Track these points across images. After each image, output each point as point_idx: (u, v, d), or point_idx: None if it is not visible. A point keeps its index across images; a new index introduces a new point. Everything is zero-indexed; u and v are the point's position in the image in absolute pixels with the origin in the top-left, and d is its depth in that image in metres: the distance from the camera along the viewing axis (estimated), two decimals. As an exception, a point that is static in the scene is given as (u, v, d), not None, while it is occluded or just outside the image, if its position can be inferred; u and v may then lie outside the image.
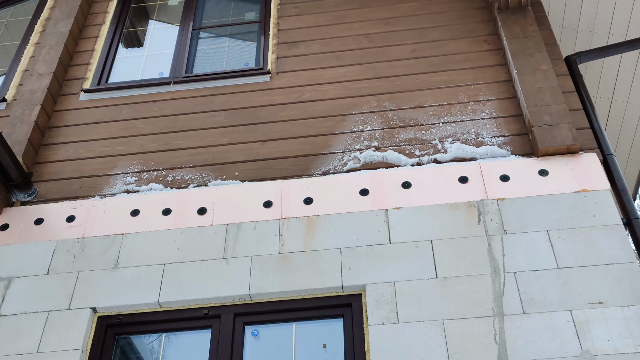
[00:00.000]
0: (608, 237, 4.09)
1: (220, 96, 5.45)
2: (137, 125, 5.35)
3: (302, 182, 4.71)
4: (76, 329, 4.14)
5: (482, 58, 5.38)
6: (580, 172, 4.45)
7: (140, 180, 4.96)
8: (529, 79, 4.92)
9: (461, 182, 4.53)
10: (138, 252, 4.49)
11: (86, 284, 4.36)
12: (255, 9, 6.32)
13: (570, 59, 5.26)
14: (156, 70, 5.90)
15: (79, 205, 4.83)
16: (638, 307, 3.76)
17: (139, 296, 4.27)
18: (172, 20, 6.51)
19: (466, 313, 3.87)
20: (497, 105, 5.02)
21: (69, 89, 5.77)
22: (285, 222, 4.50)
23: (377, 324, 3.90)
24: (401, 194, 4.53)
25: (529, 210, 4.30)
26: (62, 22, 6.15)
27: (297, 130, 5.08)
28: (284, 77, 5.51)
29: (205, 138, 5.15)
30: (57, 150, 5.29)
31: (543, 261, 4.04)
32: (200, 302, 4.23)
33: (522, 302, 3.87)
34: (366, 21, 5.87)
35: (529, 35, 5.24)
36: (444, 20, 5.76)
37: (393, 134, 4.96)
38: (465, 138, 4.84)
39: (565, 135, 4.57)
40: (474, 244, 4.19)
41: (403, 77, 5.34)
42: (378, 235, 4.33)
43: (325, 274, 4.19)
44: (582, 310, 3.80)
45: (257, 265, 4.30)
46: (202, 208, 4.66)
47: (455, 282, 4.02)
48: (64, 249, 4.58)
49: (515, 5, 5.46)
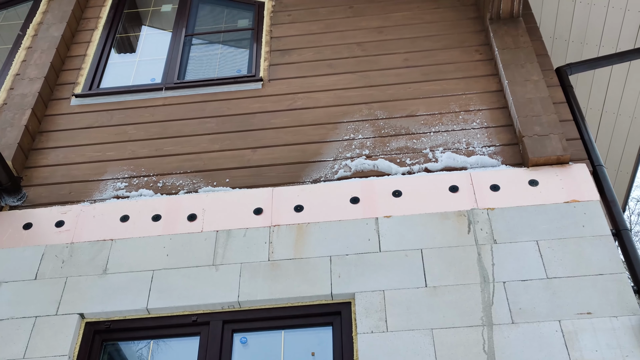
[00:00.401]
0: (597, 247, 4.11)
1: (212, 103, 5.44)
2: (128, 130, 5.33)
3: (292, 190, 4.71)
4: (63, 335, 4.11)
5: (474, 68, 5.41)
6: (570, 182, 4.47)
7: (131, 186, 4.94)
8: (519, 90, 4.95)
9: (451, 192, 4.53)
10: (127, 258, 4.47)
11: (74, 290, 4.34)
12: (248, 17, 6.33)
13: (561, 70, 5.30)
14: (148, 76, 5.89)
15: (68, 210, 4.81)
16: (626, 318, 3.77)
17: (127, 302, 4.24)
18: (165, 26, 6.51)
19: (455, 322, 3.87)
20: (488, 115, 5.04)
21: (60, 93, 5.75)
22: (275, 230, 4.49)
23: (366, 333, 3.89)
24: (392, 203, 4.53)
25: (518, 220, 4.31)
26: (55, 26, 6.14)
27: (289, 138, 5.08)
28: (276, 84, 5.51)
29: (196, 144, 5.14)
30: (47, 155, 5.27)
31: (532, 271, 4.05)
32: (189, 309, 4.21)
33: (511, 312, 3.87)
34: (359, 30, 5.89)
35: (520, 46, 5.27)
36: (436, 29, 5.78)
37: (384, 142, 4.96)
38: (456, 147, 4.86)
39: (556, 145, 4.59)
40: (464, 253, 4.19)
41: (395, 85, 5.35)
42: (368, 243, 4.33)
43: (315, 282, 4.18)
44: (571, 320, 3.80)
45: (246, 272, 4.28)
46: (192, 214, 4.65)
47: (444, 291, 4.02)
48: (52, 254, 4.55)
49: (506, 16, 5.49)
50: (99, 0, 6.64)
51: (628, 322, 3.75)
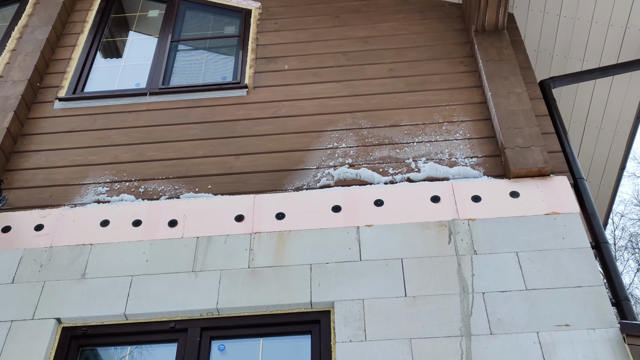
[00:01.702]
0: (576, 260, 4.12)
1: (196, 109, 5.43)
2: (111, 135, 5.31)
3: (274, 197, 4.70)
4: (39, 340, 4.07)
5: (458, 79, 5.43)
6: (550, 194, 4.49)
7: (112, 191, 4.92)
8: (503, 102, 4.98)
9: (433, 202, 4.54)
10: (106, 262, 4.44)
11: (52, 294, 4.30)
12: (235, 24, 6.33)
13: (545, 83, 5.34)
14: (133, 81, 5.87)
15: (48, 214, 4.77)
16: (603, 330, 3.78)
17: (105, 307, 4.21)
18: (152, 31, 6.50)
19: (434, 332, 3.87)
20: (471, 127, 5.06)
21: (44, 96, 5.72)
22: (256, 237, 4.48)
23: (344, 342, 3.88)
24: (373, 212, 4.53)
25: (499, 231, 4.32)
26: (40, 29, 6.11)
27: (272, 145, 5.07)
28: (261, 91, 5.51)
29: (179, 150, 5.13)
30: (28, 158, 5.23)
31: (512, 282, 4.05)
32: (167, 315, 4.18)
33: (490, 323, 3.88)
34: (345, 39, 5.91)
35: (505, 59, 5.31)
36: (422, 40, 5.81)
37: (368, 151, 4.97)
38: (439, 158, 4.87)
39: (537, 158, 4.61)
40: (444, 263, 4.20)
41: (380, 95, 5.37)
42: (349, 252, 4.32)
43: (294, 290, 4.16)
44: (549, 332, 3.81)
45: (226, 279, 4.26)
46: (173, 220, 4.62)
47: (424, 301, 4.02)
48: (30, 258, 4.51)
49: (491, 29, 5.53)
50: (86, 4, 6.62)
51: (605, 335, 3.76)
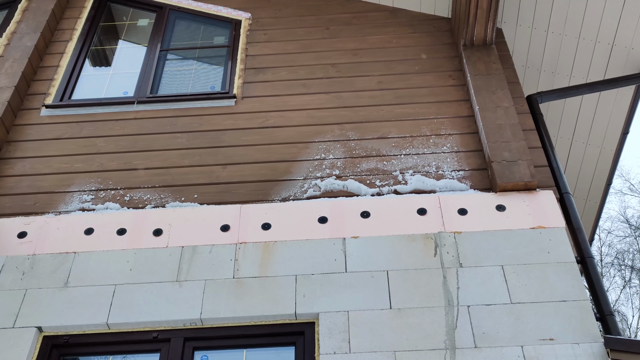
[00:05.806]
0: (561, 274, 4.13)
1: (184, 118, 5.41)
2: (98, 143, 5.27)
3: (261, 207, 4.68)
4: (19, 349, 4.01)
5: (447, 93, 5.45)
6: (536, 209, 4.50)
7: (97, 199, 4.88)
8: (490, 115, 4.99)
9: (420, 214, 4.54)
10: (89, 271, 4.39)
11: (33, 302, 4.25)
12: (225, 34, 6.33)
13: (532, 98, 5.36)
14: (121, 90, 5.85)
15: (31, 221, 4.73)
16: (588, 345, 3.77)
17: (87, 316, 4.16)
18: (141, 40, 6.49)
19: (418, 345, 3.85)
20: (459, 140, 5.07)
21: (31, 103, 5.68)
22: (241, 247, 4.45)
23: (328, 354, 3.85)
24: (360, 223, 4.52)
25: (485, 244, 4.32)
26: (28, 36, 6.09)
27: (259, 155, 5.06)
28: (249, 102, 5.50)
29: (166, 159, 5.10)
30: (13, 165, 5.18)
31: (497, 296, 4.05)
32: (150, 325, 4.13)
33: (475, 336, 3.86)
34: (334, 51, 5.92)
35: (492, 73, 5.33)
36: (411, 54, 5.83)
37: (355, 163, 4.97)
38: (426, 171, 4.87)
39: (524, 172, 4.63)
40: (430, 276, 4.18)
41: (368, 107, 5.37)
42: (334, 263, 4.30)
43: (279, 301, 4.14)
44: (533, 346, 3.80)
45: (210, 289, 4.23)
46: (158, 229, 4.59)
47: (409, 314, 4.00)
48: (12, 266, 4.46)
49: (480, 43, 5.56)
50: (75, 12, 6.60)
51: (589, 349, 3.75)
